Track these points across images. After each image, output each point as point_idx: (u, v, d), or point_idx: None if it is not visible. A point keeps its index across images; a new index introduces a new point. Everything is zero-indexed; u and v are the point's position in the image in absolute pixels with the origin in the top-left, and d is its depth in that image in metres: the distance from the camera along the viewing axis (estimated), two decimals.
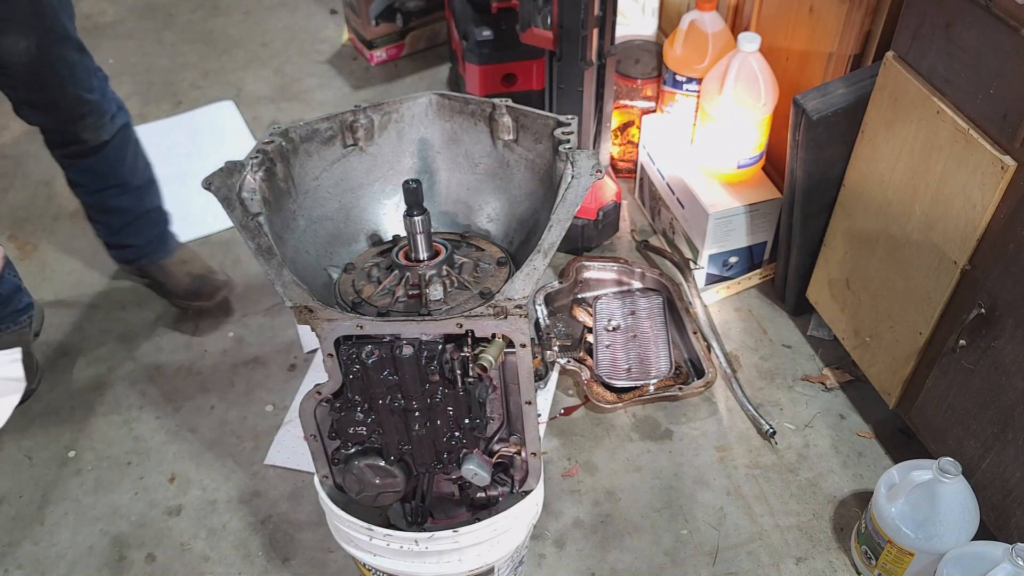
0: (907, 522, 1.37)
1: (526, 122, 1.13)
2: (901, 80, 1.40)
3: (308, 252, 1.12)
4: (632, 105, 2.15)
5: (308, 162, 1.13)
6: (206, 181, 1.00)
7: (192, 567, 1.55)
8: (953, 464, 1.32)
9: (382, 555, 1.14)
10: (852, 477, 1.66)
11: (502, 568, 1.25)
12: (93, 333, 1.98)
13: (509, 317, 0.95)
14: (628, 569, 1.53)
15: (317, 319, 0.97)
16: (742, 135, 1.83)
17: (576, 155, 1.04)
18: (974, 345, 1.35)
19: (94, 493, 1.67)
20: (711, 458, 1.70)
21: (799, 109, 1.57)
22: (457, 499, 1.21)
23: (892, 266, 1.52)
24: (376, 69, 2.81)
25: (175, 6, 3.14)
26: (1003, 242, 1.27)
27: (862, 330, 1.65)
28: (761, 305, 1.99)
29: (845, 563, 1.53)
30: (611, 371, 1.79)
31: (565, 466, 1.69)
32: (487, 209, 1.21)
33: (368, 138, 1.17)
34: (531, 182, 1.15)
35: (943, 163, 1.34)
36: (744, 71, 1.75)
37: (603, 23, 1.83)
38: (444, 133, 1.19)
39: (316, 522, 1.60)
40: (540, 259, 0.95)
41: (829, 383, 1.82)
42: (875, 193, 1.53)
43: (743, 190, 1.90)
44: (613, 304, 1.95)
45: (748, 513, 1.61)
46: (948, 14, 1.28)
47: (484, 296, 1.04)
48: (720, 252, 1.94)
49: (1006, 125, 1.22)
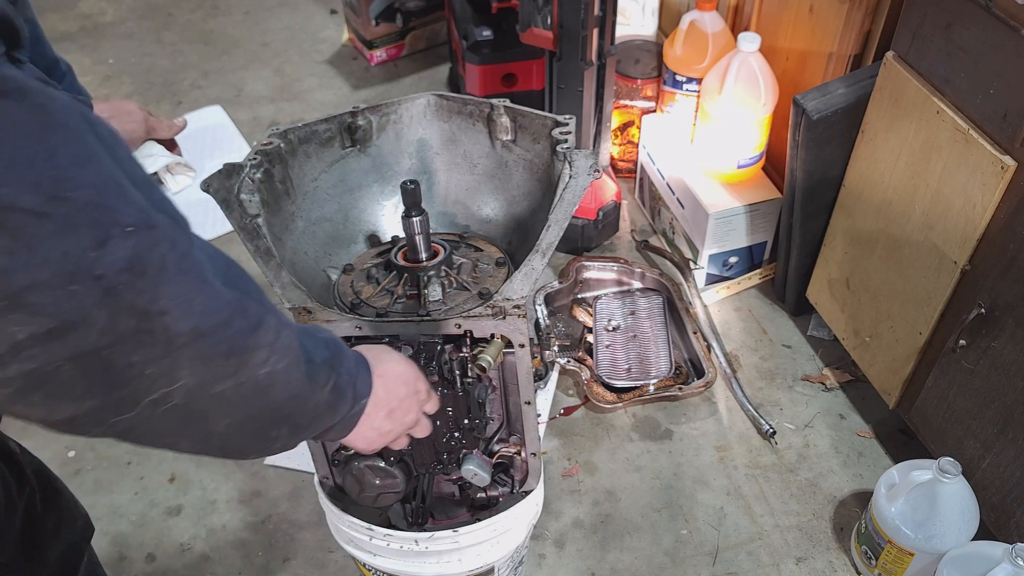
0: (907, 522, 1.36)
1: (524, 122, 1.13)
2: (901, 80, 1.40)
3: (307, 253, 1.12)
4: (632, 105, 2.15)
5: (307, 163, 1.13)
6: (204, 183, 1.00)
7: (192, 567, 1.55)
8: (953, 464, 1.32)
9: (382, 555, 1.14)
10: (852, 477, 1.66)
11: (502, 568, 1.25)
12: None
13: (508, 317, 0.95)
14: (628, 569, 1.53)
15: (316, 320, 0.97)
16: (742, 135, 1.82)
17: (574, 155, 1.04)
18: (974, 345, 1.35)
19: (94, 493, 1.67)
20: (711, 458, 1.69)
21: (799, 109, 1.57)
22: (457, 499, 1.21)
23: (892, 266, 1.52)
24: (376, 69, 2.81)
25: (175, 6, 3.14)
26: (1003, 242, 1.26)
27: (862, 330, 1.65)
28: (761, 305, 1.99)
29: (845, 563, 1.53)
30: (611, 371, 1.79)
31: (565, 466, 1.69)
32: (486, 209, 1.21)
33: (367, 139, 1.17)
34: (529, 182, 1.15)
35: (943, 163, 1.34)
36: (744, 71, 1.75)
37: (603, 23, 1.83)
38: (442, 134, 1.19)
39: (316, 522, 1.60)
40: (538, 259, 0.95)
41: (829, 383, 1.82)
42: (875, 193, 1.53)
43: (743, 190, 1.89)
44: (613, 304, 1.95)
45: (748, 513, 1.60)
46: (948, 14, 1.28)
47: (483, 296, 1.04)
48: (720, 252, 1.94)
49: (1006, 125, 1.22)
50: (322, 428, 0.75)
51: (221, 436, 0.65)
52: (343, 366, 0.75)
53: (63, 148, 0.49)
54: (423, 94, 1.18)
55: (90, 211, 0.50)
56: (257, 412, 0.66)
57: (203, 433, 0.64)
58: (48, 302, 0.50)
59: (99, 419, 0.57)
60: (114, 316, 0.52)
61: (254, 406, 0.65)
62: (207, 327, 0.57)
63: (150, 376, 0.56)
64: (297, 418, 0.70)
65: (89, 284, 0.50)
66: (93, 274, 0.50)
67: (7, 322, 0.49)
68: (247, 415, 0.65)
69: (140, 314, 0.53)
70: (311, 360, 0.69)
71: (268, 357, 0.63)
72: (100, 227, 0.50)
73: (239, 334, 0.60)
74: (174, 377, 0.57)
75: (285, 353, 0.65)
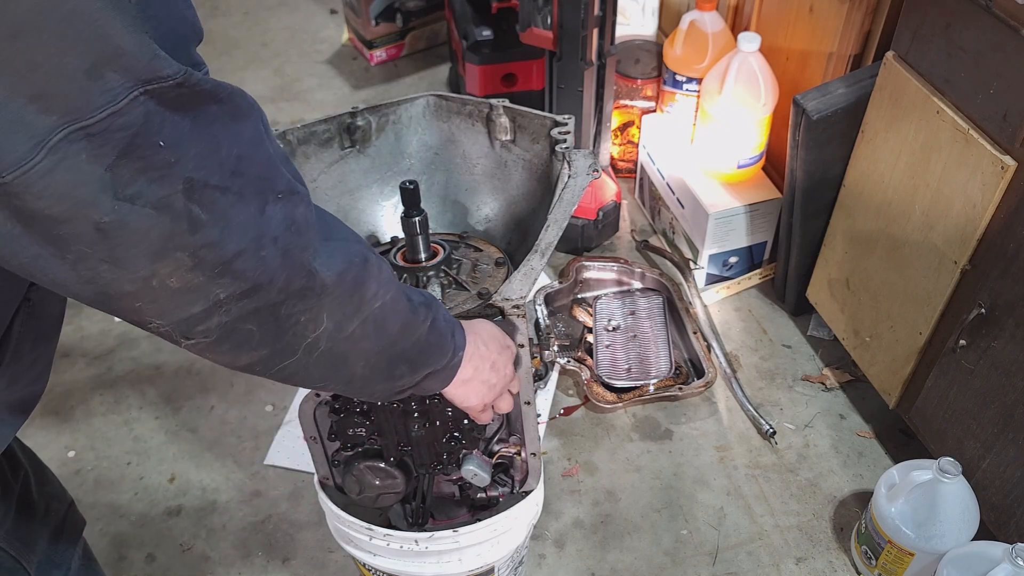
0: (907, 522, 1.36)
1: (523, 122, 1.13)
2: (901, 80, 1.40)
3: None
4: (632, 105, 2.15)
5: (306, 164, 1.13)
6: None
7: (192, 567, 1.55)
8: (953, 464, 1.32)
9: (382, 555, 1.14)
10: (852, 477, 1.65)
11: (502, 568, 1.25)
12: (93, 333, 1.98)
13: (507, 317, 0.95)
14: (628, 569, 1.53)
15: None
16: (742, 135, 1.82)
17: (572, 155, 1.04)
18: (974, 345, 1.35)
19: (94, 493, 1.67)
20: (711, 458, 1.69)
21: (799, 109, 1.57)
22: (458, 500, 1.21)
23: (892, 266, 1.52)
24: (376, 69, 2.81)
25: None
26: (1003, 242, 1.26)
27: (862, 330, 1.65)
28: (761, 305, 1.99)
29: (845, 563, 1.53)
30: (611, 371, 1.79)
31: (565, 466, 1.69)
32: (485, 209, 1.21)
33: (366, 140, 1.17)
34: (529, 182, 1.15)
35: (943, 163, 1.34)
36: (744, 71, 1.75)
37: (603, 23, 1.83)
38: (442, 134, 1.19)
39: (316, 522, 1.60)
40: (537, 259, 0.95)
41: (829, 383, 1.82)
42: (875, 193, 1.53)
43: (743, 190, 1.89)
44: (613, 304, 1.95)
45: (748, 513, 1.60)
46: (948, 14, 1.28)
47: (482, 296, 1.04)
48: (720, 252, 1.94)
49: (1006, 125, 1.22)
50: (431, 368, 0.83)
51: (361, 379, 0.76)
52: (439, 311, 0.83)
53: (244, 134, 0.59)
54: (422, 95, 1.18)
55: (257, 183, 0.60)
56: (381, 347, 0.75)
57: (346, 377, 0.75)
58: (249, 268, 0.60)
59: (269, 365, 0.68)
60: (290, 275, 0.63)
61: (378, 341, 0.74)
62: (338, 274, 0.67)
63: (304, 324, 0.66)
64: (411, 353, 0.79)
65: (271, 248, 0.60)
66: (271, 236, 0.60)
67: (215, 285, 0.59)
68: (374, 351, 0.75)
69: (307, 272, 0.64)
70: (409, 298, 0.78)
71: (377, 291, 0.72)
72: (262, 195, 0.60)
73: (356, 276, 0.69)
74: (319, 322, 0.67)
75: (389, 286, 0.74)
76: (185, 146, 0.55)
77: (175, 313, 0.60)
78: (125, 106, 0.51)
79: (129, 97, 0.51)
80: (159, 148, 0.53)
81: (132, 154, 0.52)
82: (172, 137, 0.54)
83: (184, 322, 0.60)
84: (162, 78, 0.52)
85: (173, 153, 0.54)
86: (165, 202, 0.54)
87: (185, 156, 0.55)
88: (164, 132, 0.53)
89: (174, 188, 0.54)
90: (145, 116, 0.52)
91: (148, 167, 0.53)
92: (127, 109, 0.51)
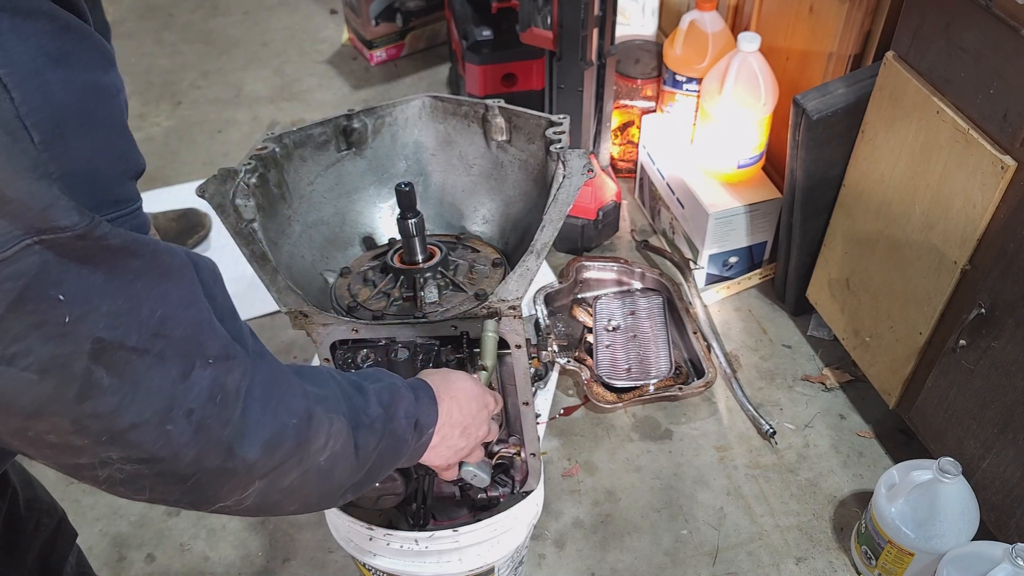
0: (907, 522, 1.36)
1: (519, 123, 1.13)
2: (901, 80, 1.39)
3: (304, 257, 1.12)
4: (632, 105, 2.15)
5: (302, 167, 1.13)
6: (200, 189, 1.00)
7: (192, 567, 1.55)
8: (953, 464, 1.31)
9: (382, 555, 1.14)
10: (852, 477, 1.65)
11: (502, 568, 1.25)
12: None
13: (503, 318, 0.95)
14: (628, 569, 1.53)
15: (312, 324, 0.97)
16: (742, 135, 1.82)
17: (567, 155, 1.03)
18: (974, 345, 1.35)
19: (94, 493, 1.67)
20: (711, 458, 1.69)
21: (799, 109, 1.56)
22: (458, 501, 1.21)
23: (892, 266, 1.52)
24: (376, 69, 2.81)
25: (175, 6, 3.15)
26: (1003, 242, 1.26)
27: (862, 330, 1.65)
28: (761, 305, 1.98)
29: (845, 563, 1.53)
30: (611, 371, 1.79)
31: (565, 466, 1.69)
32: (482, 210, 1.20)
33: (362, 142, 1.17)
34: (525, 182, 1.15)
35: (943, 163, 1.34)
36: (744, 71, 1.74)
37: (603, 23, 1.83)
38: (438, 135, 1.19)
39: (316, 522, 1.60)
40: (533, 260, 0.94)
41: (829, 383, 1.82)
42: (875, 193, 1.52)
43: (743, 190, 1.89)
44: (613, 304, 1.95)
45: (748, 513, 1.60)
46: (948, 14, 1.28)
47: (479, 297, 1.04)
48: (720, 252, 1.94)
49: (1006, 125, 1.21)
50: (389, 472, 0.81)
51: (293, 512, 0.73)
52: (399, 410, 0.80)
53: (172, 293, 0.55)
54: (418, 96, 1.18)
55: (182, 345, 0.56)
56: (324, 490, 0.72)
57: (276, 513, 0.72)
58: (146, 440, 0.55)
59: (175, 503, 0.64)
60: (201, 453, 0.58)
61: (321, 486, 0.71)
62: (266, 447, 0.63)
63: (226, 492, 0.63)
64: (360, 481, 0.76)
65: (181, 422, 0.56)
66: (185, 408, 0.56)
67: (102, 449, 0.55)
68: (315, 494, 0.72)
69: (225, 451, 0.60)
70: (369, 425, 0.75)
71: (326, 443, 0.69)
72: (187, 358, 0.56)
73: (296, 439, 0.66)
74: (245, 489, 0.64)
75: (340, 434, 0.71)
76: (94, 302, 0.50)
77: (58, 459, 0.56)
78: (13, 255, 0.47)
79: (20, 245, 0.47)
80: (57, 302, 0.49)
81: (22, 308, 0.48)
82: (76, 291, 0.50)
83: (70, 467, 0.57)
84: (58, 228, 0.48)
85: (77, 308, 0.50)
86: (58, 363, 0.50)
87: (94, 312, 0.50)
88: (65, 285, 0.49)
89: (78, 347, 0.50)
90: (41, 266, 0.48)
91: (43, 322, 0.49)
92: (16, 258, 0.47)
